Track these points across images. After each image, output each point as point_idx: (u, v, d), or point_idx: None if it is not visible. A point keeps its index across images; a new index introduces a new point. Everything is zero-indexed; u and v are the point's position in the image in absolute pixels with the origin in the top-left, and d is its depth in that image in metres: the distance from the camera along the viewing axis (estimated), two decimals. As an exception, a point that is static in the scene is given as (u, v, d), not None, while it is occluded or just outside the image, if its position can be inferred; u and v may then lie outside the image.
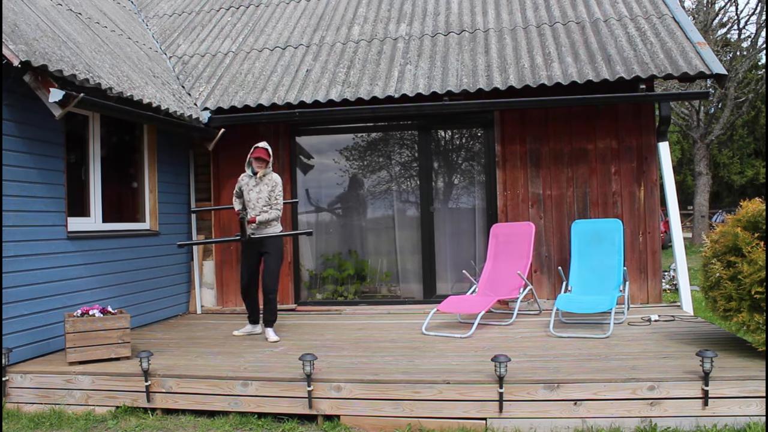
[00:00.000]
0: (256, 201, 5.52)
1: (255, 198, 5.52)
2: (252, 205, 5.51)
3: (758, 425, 3.79)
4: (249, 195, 5.54)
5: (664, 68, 6.29)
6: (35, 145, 5.19)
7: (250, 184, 5.55)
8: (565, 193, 6.95)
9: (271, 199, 5.54)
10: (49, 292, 5.25)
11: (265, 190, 5.52)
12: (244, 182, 5.61)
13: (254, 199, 5.52)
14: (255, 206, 5.51)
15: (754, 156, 29.21)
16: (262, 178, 5.52)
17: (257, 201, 5.52)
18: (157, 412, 4.46)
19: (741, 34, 20.51)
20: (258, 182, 5.52)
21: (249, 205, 5.53)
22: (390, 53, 7.44)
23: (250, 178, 5.57)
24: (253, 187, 5.54)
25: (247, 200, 5.55)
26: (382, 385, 4.16)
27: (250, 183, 5.55)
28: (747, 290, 4.21)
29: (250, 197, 5.53)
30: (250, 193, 5.54)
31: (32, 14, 5.65)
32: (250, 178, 5.57)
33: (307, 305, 7.42)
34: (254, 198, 5.53)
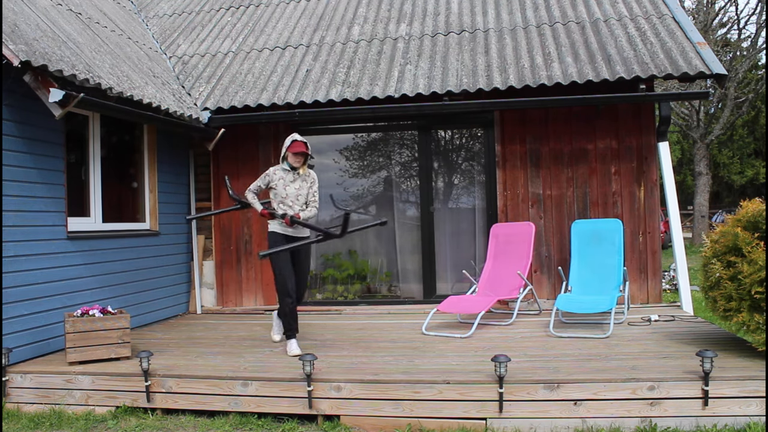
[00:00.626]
0: (295, 198, 5.11)
1: (294, 194, 5.11)
2: (290, 202, 5.09)
3: (758, 425, 3.79)
4: (286, 191, 5.08)
5: (664, 68, 6.29)
6: (35, 145, 5.19)
7: (286, 179, 5.11)
8: (565, 193, 6.95)
9: (309, 196, 5.19)
10: (49, 292, 5.25)
11: (304, 186, 5.15)
12: (278, 177, 5.12)
13: (293, 196, 5.10)
14: (294, 203, 5.10)
15: (754, 156, 29.20)
16: (300, 174, 5.15)
17: (296, 198, 5.11)
18: (157, 412, 4.46)
19: (741, 34, 20.52)
20: (296, 177, 5.13)
21: (286, 202, 5.08)
22: (390, 53, 7.45)
23: (287, 173, 5.13)
24: (290, 182, 5.11)
25: (283, 196, 5.08)
26: (382, 385, 4.16)
27: (286, 178, 5.12)
28: (747, 290, 4.21)
29: (287, 193, 5.08)
30: (287, 189, 5.09)
31: (32, 14, 5.65)
32: (286, 173, 5.13)
33: (307, 305, 7.41)
34: (293, 194, 5.10)
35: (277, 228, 5.14)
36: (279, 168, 5.19)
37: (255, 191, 5.24)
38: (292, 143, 5.08)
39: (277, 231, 5.14)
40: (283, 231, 5.13)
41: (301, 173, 5.15)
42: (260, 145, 7.50)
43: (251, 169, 7.46)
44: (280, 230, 5.13)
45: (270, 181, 5.15)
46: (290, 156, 5.10)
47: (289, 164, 5.12)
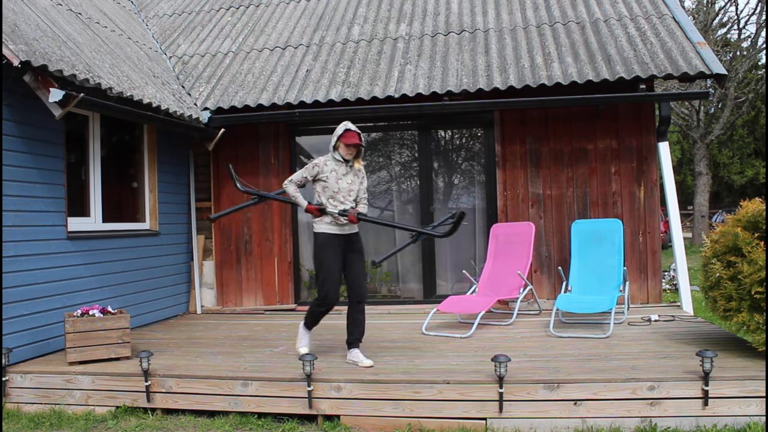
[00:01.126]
0: (348, 192, 4.60)
1: (346, 189, 4.60)
2: (342, 197, 4.57)
3: (758, 425, 3.79)
4: (338, 184, 4.57)
5: (664, 68, 6.29)
6: (35, 145, 5.19)
7: (338, 171, 4.59)
8: (565, 193, 6.95)
9: (360, 193, 4.72)
10: (49, 292, 5.25)
11: (356, 182, 4.67)
12: (328, 168, 4.57)
13: (345, 190, 4.59)
14: (346, 198, 4.58)
15: (754, 156, 29.20)
16: (352, 167, 4.65)
17: (349, 193, 4.61)
18: (157, 412, 4.46)
19: (741, 34, 20.52)
20: (348, 171, 4.62)
21: (337, 197, 4.57)
22: (390, 53, 7.45)
23: (339, 165, 4.60)
24: (342, 175, 4.60)
25: (335, 190, 4.55)
26: (382, 385, 4.16)
27: (338, 170, 4.59)
28: (747, 290, 4.21)
29: (339, 187, 4.56)
30: (340, 182, 4.58)
31: (32, 14, 5.65)
32: (338, 164, 4.60)
33: (308, 305, 7.39)
34: (345, 188, 4.59)
35: (327, 227, 4.60)
36: (329, 158, 4.63)
37: (299, 183, 4.68)
38: (345, 132, 4.54)
39: (329, 231, 4.59)
40: (336, 230, 4.60)
41: (354, 167, 4.66)
42: (260, 145, 7.49)
43: (251, 169, 7.46)
44: (331, 230, 4.59)
45: (319, 172, 4.58)
46: (342, 147, 4.56)
47: (341, 155, 4.58)
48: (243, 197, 7.44)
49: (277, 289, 7.42)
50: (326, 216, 4.58)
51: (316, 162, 4.61)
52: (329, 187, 4.57)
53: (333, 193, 4.57)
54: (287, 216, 7.43)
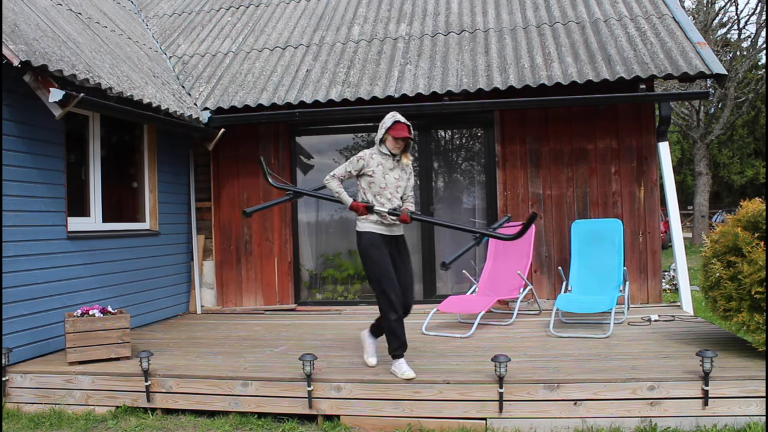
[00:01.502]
0: (396, 189, 4.25)
1: (394, 184, 4.24)
2: (390, 193, 4.22)
3: (758, 425, 3.79)
4: (386, 179, 4.21)
5: (664, 68, 6.29)
6: (35, 145, 5.19)
7: (385, 165, 4.23)
8: (565, 193, 6.95)
9: (407, 189, 4.38)
10: (49, 292, 5.25)
11: (403, 177, 4.32)
12: (374, 162, 4.22)
13: (393, 186, 4.24)
14: (393, 195, 4.24)
15: (754, 156, 29.21)
16: (399, 162, 4.30)
17: (396, 189, 4.26)
18: (157, 412, 4.46)
19: (741, 34, 20.52)
20: (395, 165, 4.27)
21: (384, 194, 4.21)
22: (390, 53, 7.45)
23: (385, 159, 4.25)
24: (389, 170, 4.24)
25: (381, 186, 4.20)
26: (382, 385, 4.16)
27: (385, 164, 4.23)
28: (747, 290, 4.21)
29: (386, 182, 4.21)
30: (387, 177, 4.22)
31: (32, 14, 5.65)
32: (385, 159, 4.24)
33: (307, 305, 7.42)
34: (393, 184, 4.24)
35: (373, 227, 4.22)
36: (375, 152, 4.28)
37: (342, 178, 4.32)
38: (395, 125, 4.19)
39: (375, 231, 4.21)
40: (383, 230, 4.23)
41: (402, 161, 4.30)
42: (260, 145, 7.50)
43: (251, 169, 7.46)
44: (377, 229, 4.22)
45: (364, 166, 4.23)
46: (390, 140, 4.21)
47: (388, 149, 4.24)
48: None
49: (277, 289, 7.42)
50: (372, 214, 4.21)
51: (360, 155, 4.27)
52: (376, 183, 4.21)
53: (380, 189, 4.21)
54: (287, 216, 7.43)
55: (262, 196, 7.45)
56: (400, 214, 4.15)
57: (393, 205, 4.22)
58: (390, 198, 4.23)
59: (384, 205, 4.20)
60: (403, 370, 4.17)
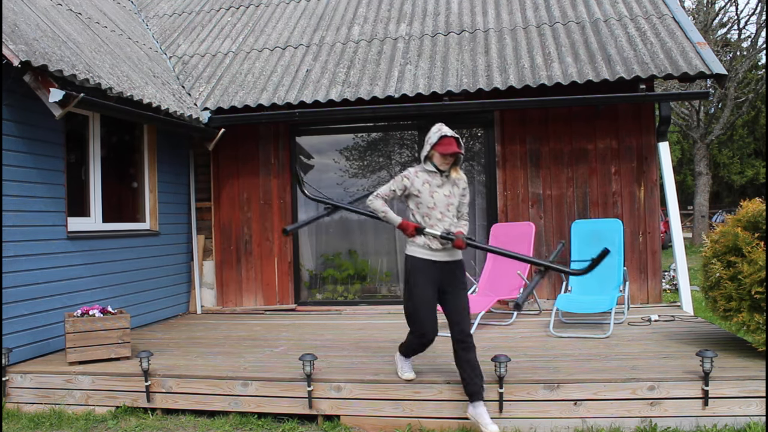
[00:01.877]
0: (446, 208, 3.87)
1: (444, 203, 3.86)
2: (439, 214, 3.85)
3: (758, 425, 3.79)
4: (434, 198, 3.85)
5: (664, 68, 6.29)
6: (35, 145, 5.19)
7: (432, 183, 3.88)
8: (565, 193, 6.95)
9: (461, 207, 4.00)
10: (49, 292, 5.25)
11: (455, 193, 3.93)
12: (421, 180, 3.88)
13: (442, 205, 3.86)
14: (444, 215, 3.86)
15: (754, 156, 29.21)
16: (449, 177, 3.94)
17: (447, 208, 3.88)
18: (157, 412, 4.46)
19: (741, 34, 20.53)
20: (444, 182, 3.91)
21: (433, 214, 3.85)
22: (390, 53, 7.45)
23: (432, 176, 3.90)
24: (437, 188, 3.88)
25: (430, 206, 3.84)
26: (382, 385, 4.16)
27: (432, 182, 3.88)
28: (747, 290, 4.21)
29: (435, 201, 3.84)
30: (435, 196, 3.86)
31: (32, 14, 5.65)
32: (431, 176, 3.90)
33: (307, 305, 7.42)
34: (442, 203, 3.86)
35: (421, 251, 3.85)
36: (420, 169, 3.94)
37: (386, 197, 3.97)
38: (441, 139, 3.82)
39: (422, 256, 3.85)
40: (432, 255, 3.85)
41: (451, 176, 3.94)
42: (260, 145, 7.50)
43: (251, 169, 7.47)
44: (426, 254, 3.85)
45: (409, 185, 3.89)
46: (437, 156, 3.85)
47: (435, 165, 3.89)
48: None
49: (277, 289, 7.42)
50: (420, 236, 3.84)
51: (405, 174, 3.93)
52: (423, 203, 3.85)
53: (428, 209, 3.84)
54: (287, 216, 7.43)
55: (261, 197, 7.45)
56: (455, 239, 3.74)
57: (445, 226, 3.84)
58: (440, 218, 3.84)
59: (434, 227, 3.81)
60: (405, 370, 4.15)
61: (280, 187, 7.43)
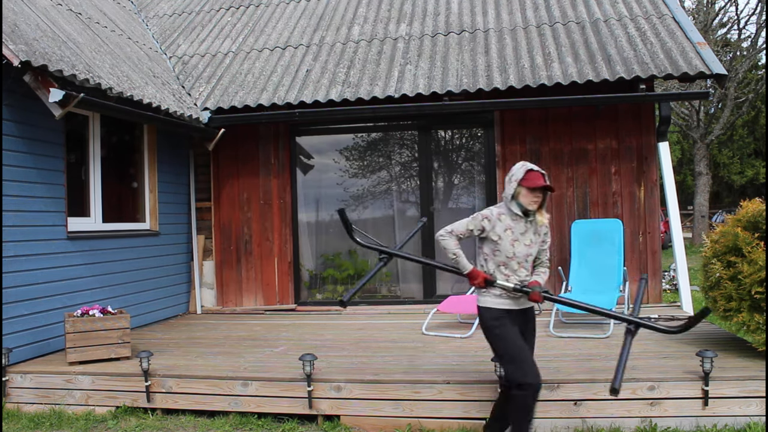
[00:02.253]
0: (525, 258, 3.44)
1: (524, 253, 3.43)
2: (516, 264, 3.41)
3: (758, 425, 3.79)
4: (514, 247, 3.39)
5: (664, 68, 6.29)
6: (35, 145, 5.19)
7: (515, 230, 3.41)
8: (565, 193, 6.95)
9: (542, 255, 3.56)
10: (49, 292, 5.25)
11: (536, 240, 3.49)
12: (502, 225, 3.41)
13: (522, 255, 3.42)
14: (521, 266, 3.43)
15: (754, 156, 29.21)
16: (532, 221, 3.47)
17: (526, 258, 3.45)
18: (157, 412, 4.46)
19: (741, 34, 20.53)
20: (527, 228, 3.44)
21: (510, 265, 3.41)
22: (390, 53, 7.44)
23: (516, 221, 3.42)
24: (521, 235, 3.41)
25: (509, 256, 3.39)
26: (382, 385, 4.16)
27: (516, 229, 3.41)
28: (747, 290, 4.21)
29: (515, 251, 3.39)
30: (516, 245, 3.40)
31: (32, 14, 5.65)
32: (515, 221, 3.42)
33: (307, 305, 7.42)
34: (522, 253, 3.42)
35: (497, 301, 3.43)
36: (504, 211, 3.46)
37: (461, 235, 3.50)
38: (528, 174, 3.41)
39: (500, 306, 3.42)
40: (509, 305, 3.44)
41: (536, 220, 3.47)
42: (260, 145, 7.50)
43: (251, 169, 7.47)
44: (503, 304, 3.43)
45: (489, 229, 3.43)
46: (524, 193, 3.38)
47: (520, 205, 3.41)
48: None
49: (277, 289, 7.42)
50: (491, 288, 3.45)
51: (486, 214, 3.47)
52: (501, 251, 3.40)
53: (506, 258, 3.40)
54: (287, 216, 7.43)
55: (261, 197, 7.45)
56: (530, 293, 3.37)
57: (520, 277, 3.43)
58: (516, 270, 3.42)
59: (509, 278, 3.41)
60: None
61: (280, 187, 7.43)
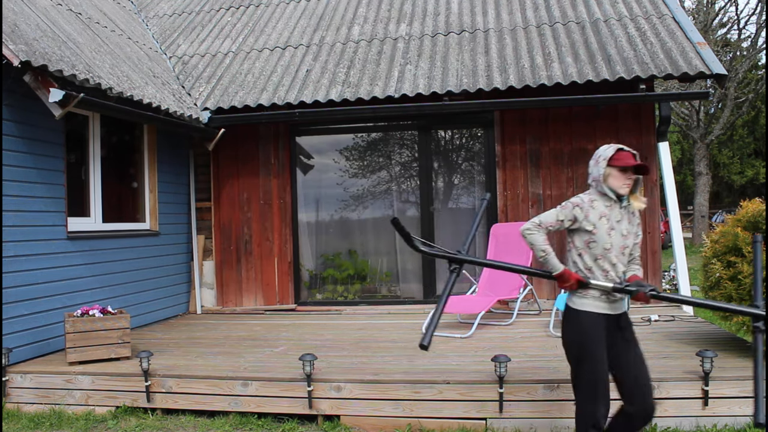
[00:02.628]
0: (621, 251, 3.02)
1: (620, 244, 3.01)
2: (614, 258, 2.99)
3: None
4: (611, 237, 2.98)
5: (664, 68, 6.29)
6: (35, 145, 5.19)
7: (611, 217, 3.00)
8: (565, 193, 6.95)
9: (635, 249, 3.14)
10: (49, 292, 5.25)
11: (632, 229, 3.07)
12: (596, 212, 3.00)
13: (618, 246, 3.00)
14: (619, 259, 3.01)
15: (754, 156, 29.22)
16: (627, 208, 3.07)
17: (622, 251, 3.02)
18: (157, 412, 4.46)
19: (741, 34, 20.54)
20: (622, 214, 3.04)
21: (608, 256, 2.98)
22: (390, 53, 7.45)
23: (610, 207, 3.02)
24: (616, 222, 3.01)
25: (606, 247, 2.97)
26: (382, 385, 4.16)
27: (611, 215, 3.01)
28: (747, 290, 4.21)
29: (612, 241, 2.98)
30: (613, 234, 2.99)
31: (32, 14, 5.65)
32: (609, 207, 3.02)
33: (307, 305, 7.42)
34: (619, 243, 3.00)
35: (594, 304, 3.00)
36: (596, 196, 3.05)
37: (550, 227, 3.12)
38: (618, 153, 3.00)
39: (596, 311, 2.99)
40: (607, 309, 3.01)
41: (631, 206, 3.07)
42: (260, 145, 7.50)
43: (251, 169, 7.47)
44: (600, 308, 3.00)
45: (582, 218, 3.02)
46: (615, 175, 2.99)
47: (611, 189, 3.01)
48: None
49: (277, 289, 7.42)
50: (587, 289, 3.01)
51: (576, 202, 3.05)
52: (598, 243, 2.98)
53: (603, 251, 2.98)
54: (287, 216, 7.43)
55: (262, 197, 7.45)
56: (636, 291, 2.93)
57: (617, 272, 3.00)
58: (615, 264, 2.99)
59: (607, 274, 2.98)
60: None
61: (280, 187, 7.43)
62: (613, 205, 3.03)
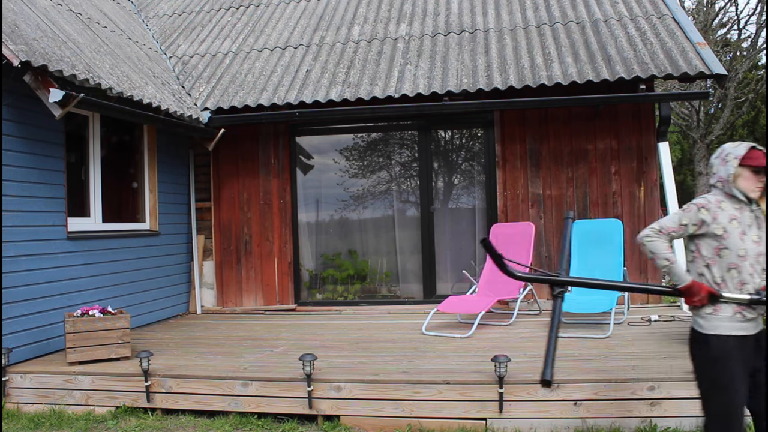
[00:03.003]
0: (756, 259, 2.67)
1: (755, 251, 2.67)
2: (750, 267, 2.64)
3: (758, 425, 3.79)
4: (743, 242, 2.65)
5: (664, 68, 6.29)
6: (35, 145, 5.19)
7: (743, 220, 2.68)
8: (565, 193, 6.95)
9: None
10: (49, 292, 5.25)
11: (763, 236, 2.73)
12: (725, 214, 2.67)
13: (753, 254, 2.66)
14: (755, 269, 2.66)
15: (754, 156, 29.16)
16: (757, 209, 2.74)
17: (757, 259, 2.67)
18: (157, 412, 4.46)
19: (741, 34, 20.52)
20: (753, 219, 2.71)
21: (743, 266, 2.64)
22: (390, 53, 7.45)
23: (740, 208, 2.70)
24: (747, 227, 2.68)
25: (740, 254, 2.63)
26: (382, 385, 4.16)
27: (742, 219, 2.68)
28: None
29: (746, 248, 2.64)
30: (745, 239, 2.66)
31: (32, 14, 5.65)
32: (739, 209, 2.70)
33: (307, 305, 7.42)
34: (753, 250, 2.66)
35: (730, 325, 2.65)
36: (722, 197, 2.73)
37: (673, 234, 2.74)
38: (752, 151, 2.69)
39: (732, 333, 2.64)
40: (744, 330, 2.66)
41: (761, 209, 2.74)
42: (260, 145, 7.50)
43: (251, 169, 7.47)
44: (736, 329, 2.65)
45: (710, 221, 2.68)
46: (746, 176, 2.68)
47: (741, 191, 2.69)
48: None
49: (277, 289, 7.42)
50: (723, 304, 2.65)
51: (701, 203, 2.70)
52: (731, 249, 2.64)
53: (737, 259, 2.63)
54: (287, 216, 7.43)
55: (262, 197, 7.45)
56: None
57: (755, 285, 2.64)
58: (752, 273, 2.64)
59: (744, 286, 2.63)
60: None
61: (280, 187, 7.43)
62: (743, 207, 2.70)
